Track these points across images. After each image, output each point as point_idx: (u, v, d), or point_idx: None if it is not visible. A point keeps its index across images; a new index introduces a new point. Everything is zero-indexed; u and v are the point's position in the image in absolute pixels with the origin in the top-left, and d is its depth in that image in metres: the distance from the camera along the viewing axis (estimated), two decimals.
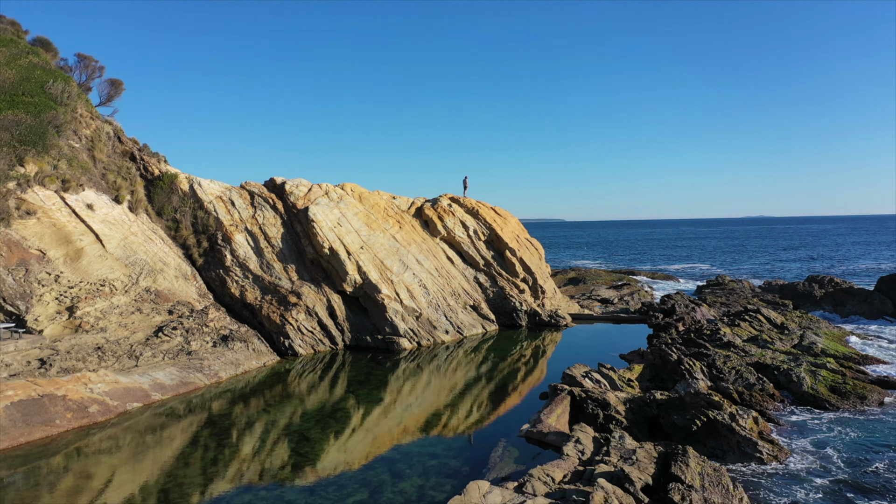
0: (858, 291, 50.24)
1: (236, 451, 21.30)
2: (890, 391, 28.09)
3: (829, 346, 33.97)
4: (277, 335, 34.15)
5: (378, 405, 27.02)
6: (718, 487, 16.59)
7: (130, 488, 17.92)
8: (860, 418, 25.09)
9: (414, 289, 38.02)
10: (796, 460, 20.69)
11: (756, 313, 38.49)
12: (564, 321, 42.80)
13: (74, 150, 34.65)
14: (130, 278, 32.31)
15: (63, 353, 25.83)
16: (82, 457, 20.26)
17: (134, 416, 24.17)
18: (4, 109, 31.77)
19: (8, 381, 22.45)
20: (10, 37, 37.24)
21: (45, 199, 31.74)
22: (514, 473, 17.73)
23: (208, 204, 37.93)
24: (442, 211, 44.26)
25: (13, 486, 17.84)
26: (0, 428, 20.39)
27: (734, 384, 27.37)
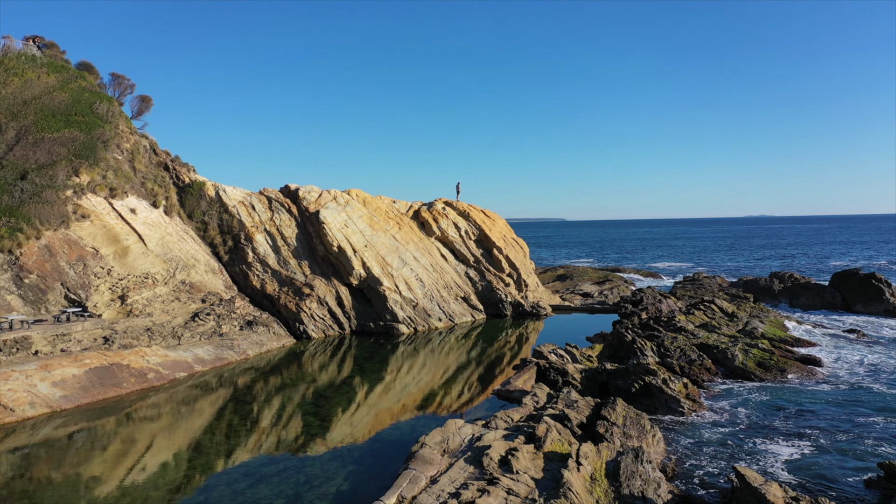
0: (813, 286, 55.54)
1: (256, 422, 24.99)
2: (809, 366, 33.41)
3: (768, 330, 39.30)
4: (293, 321, 39.56)
5: (380, 381, 32.31)
6: (637, 427, 21.95)
7: (165, 455, 21.29)
8: (777, 387, 30.42)
9: (411, 282, 43.43)
10: (711, 414, 26.04)
11: (710, 304, 43.84)
12: (545, 311, 48.20)
13: (118, 162, 40.06)
14: (168, 272, 37.72)
15: (120, 333, 31.25)
16: (132, 421, 24.67)
17: (181, 383, 29.58)
18: (62, 128, 37.16)
19: (83, 353, 27.87)
20: (61, 63, 42.66)
21: (97, 205, 37.15)
22: (485, 416, 23.07)
23: (232, 208, 43.33)
24: (437, 213, 49.67)
25: (75, 443, 22.76)
26: (83, 387, 25.81)
27: (678, 360, 32.67)
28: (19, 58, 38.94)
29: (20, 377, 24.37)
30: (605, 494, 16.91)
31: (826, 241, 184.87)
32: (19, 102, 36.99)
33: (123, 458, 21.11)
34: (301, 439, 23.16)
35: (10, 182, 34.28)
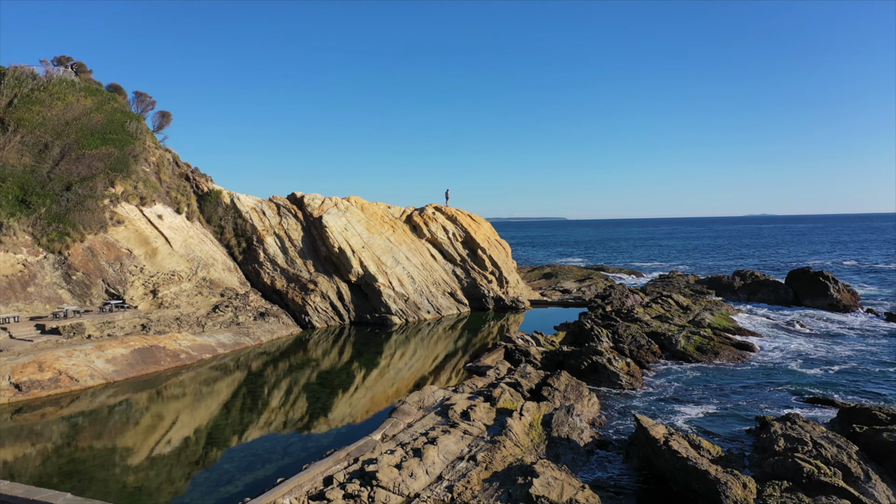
0: (770, 283, 60.97)
1: (267, 403, 29.49)
2: (742, 351, 38.87)
3: (714, 321, 44.80)
4: (300, 313, 45.10)
5: (376, 365, 37.77)
6: (576, 392, 27.48)
7: (186, 431, 25.14)
8: (709, 367, 35.90)
9: (403, 279, 48.96)
10: (646, 388, 31.54)
11: (668, 298, 49.35)
12: (524, 305, 53.70)
13: (146, 174, 45.61)
14: (191, 270, 43.26)
15: (154, 321, 36.80)
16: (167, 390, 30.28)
17: (207, 363, 35.12)
18: (99, 145, 42.69)
19: (127, 337, 33.42)
20: (95, 87, 48.17)
21: (130, 212, 42.70)
22: (455, 385, 28.59)
23: (245, 213, 48.87)
24: (427, 217, 55.20)
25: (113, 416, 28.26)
26: (129, 364, 31.36)
27: (629, 345, 38.14)
28: (61, 83, 44.43)
29: (81, 355, 29.93)
30: (539, 436, 22.46)
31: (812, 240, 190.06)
32: (62, 123, 42.51)
33: (158, 424, 26.65)
34: (307, 412, 28.69)
35: (58, 193, 39.82)
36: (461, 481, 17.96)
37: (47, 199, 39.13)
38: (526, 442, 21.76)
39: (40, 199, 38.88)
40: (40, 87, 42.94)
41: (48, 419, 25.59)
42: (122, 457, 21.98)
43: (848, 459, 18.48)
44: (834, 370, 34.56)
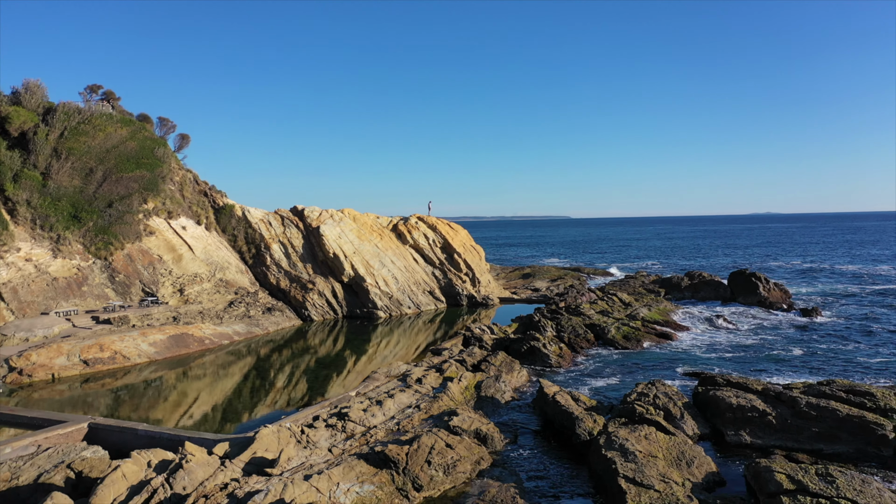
0: (712, 282, 69.08)
1: (274, 377, 38.64)
2: (663, 340, 47.07)
3: (649, 315, 53.05)
4: (300, 308, 53.54)
5: (367, 352, 46.12)
6: (508, 367, 35.80)
7: (205, 408, 33.13)
8: (632, 352, 44.09)
9: (388, 279, 57.37)
10: (572, 366, 39.83)
11: (613, 296, 57.66)
12: (493, 302, 62.07)
13: (172, 192, 54.07)
14: (210, 272, 51.73)
15: (183, 314, 45.28)
16: (187, 380, 38.85)
17: (226, 348, 43.56)
18: (134, 169, 51.15)
19: (162, 326, 41.92)
20: (129, 118, 56.61)
21: (159, 224, 51.18)
22: (416, 361, 36.96)
23: (254, 224, 57.31)
24: (410, 226, 63.58)
25: (143, 395, 36.79)
26: (166, 346, 39.84)
27: (569, 334, 46.38)
28: (101, 117, 52.83)
29: (130, 339, 38.42)
30: (471, 395, 30.85)
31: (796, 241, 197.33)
32: (104, 151, 50.97)
33: (192, 389, 35.11)
34: (306, 383, 37.09)
35: (102, 209, 48.31)
36: (406, 420, 26.37)
37: (94, 215, 47.65)
38: (460, 398, 30.16)
39: (88, 214, 47.40)
40: (85, 121, 51.37)
41: (110, 386, 34.11)
42: (170, 409, 30.48)
43: (672, 406, 26.80)
44: (728, 355, 42.78)
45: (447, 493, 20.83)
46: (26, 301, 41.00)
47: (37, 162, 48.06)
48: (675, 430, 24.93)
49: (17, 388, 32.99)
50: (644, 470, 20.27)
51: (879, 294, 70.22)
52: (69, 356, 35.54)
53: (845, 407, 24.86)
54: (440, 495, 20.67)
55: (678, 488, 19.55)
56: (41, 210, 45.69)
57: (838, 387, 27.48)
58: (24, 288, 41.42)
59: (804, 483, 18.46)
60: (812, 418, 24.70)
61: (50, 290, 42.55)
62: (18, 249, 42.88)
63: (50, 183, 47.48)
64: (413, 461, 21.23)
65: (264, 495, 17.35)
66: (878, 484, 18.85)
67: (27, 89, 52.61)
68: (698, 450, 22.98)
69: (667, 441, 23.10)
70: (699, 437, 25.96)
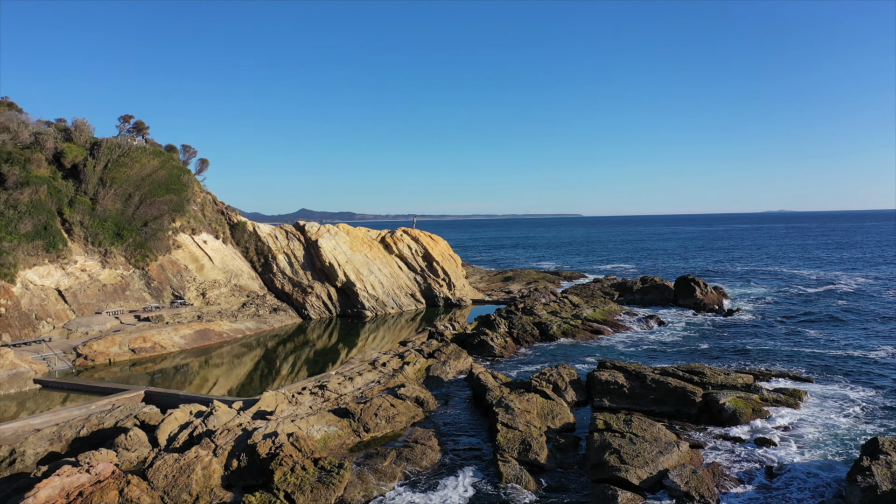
0: (660, 286, 78.65)
1: (278, 371, 49.54)
2: (595, 335, 56.93)
3: (591, 315, 62.90)
4: (301, 308, 63.97)
5: (356, 345, 56.39)
6: (456, 355, 45.97)
7: (224, 383, 45.08)
8: (567, 345, 54.05)
9: (375, 284, 67.71)
10: (513, 356, 49.87)
11: (566, 298, 67.62)
12: (465, 304, 72.22)
13: (195, 212, 64.67)
14: (226, 279, 62.27)
15: (205, 314, 55.85)
16: (209, 366, 49.46)
17: (239, 340, 54.04)
18: (164, 194, 61.77)
19: (189, 323, 52.48)
20: (159, 149, 67.28)
21: (185, 239, 61.78)
22: (386, 350, 47.17)
23: (263, 238, 67.81)
24: (396, 238, 73.87)
25: (178, 376, 47.40)
26: (193, 339, 50.39)
27: (518, 330, 56.38)
28: (137, 150, 63.50)
29: (165, 333, 49.00)
30: (422, 375, 41.07)
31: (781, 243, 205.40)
32: (139, 179, 61.63)
33: (215, 370, 45.61)
34: (304, 368, 47.42)
35: (139, 228, 58.97)
36: (368, 390, 36.65)
37: (133, 233, 58.33)
38: (413, 377, 40.41)
39: (128, 232, 58.08)
40: (124, 154, 62.07)
41: (152, 369, 44.69)
42: (198, 385, 40.97)
43: (561, 381, 36.83)
44: (643, 348, 52.56)
45: (387, 435, 31.07)
46: (83, 303, 51.72)
47: (87, 189, 58.78)
48: (558, 397, 34.99)
49: (83, 370, 43.65)
50: (516, 419, 30.42)
51: (800, 295, 79.39)
52: (120, 346, 46.17)
53: (675, 381, 34.84)
54: (382, 436, 30.90)
55: (535, 430, 29.69)
56: (91, 229, 56.40)
57: (684, 368, 37.50)
58: (81, 293, 52.15)
59: (611, 424, 28.51)
60: (652, 389, 34.71)
61: (101, 294, 53.27)
62: (75, 262, 53.62)
63: (97, 207, 58.21)
64: (365, 413, 31.52)
65: (264, 428, 27.65)
66: (662, 426, 28.83)
67: (76, 127, 63.41)
68: (565, 408, 33.07)
69: (543, 402, 33.19)
70: (576, 403, 36.01)
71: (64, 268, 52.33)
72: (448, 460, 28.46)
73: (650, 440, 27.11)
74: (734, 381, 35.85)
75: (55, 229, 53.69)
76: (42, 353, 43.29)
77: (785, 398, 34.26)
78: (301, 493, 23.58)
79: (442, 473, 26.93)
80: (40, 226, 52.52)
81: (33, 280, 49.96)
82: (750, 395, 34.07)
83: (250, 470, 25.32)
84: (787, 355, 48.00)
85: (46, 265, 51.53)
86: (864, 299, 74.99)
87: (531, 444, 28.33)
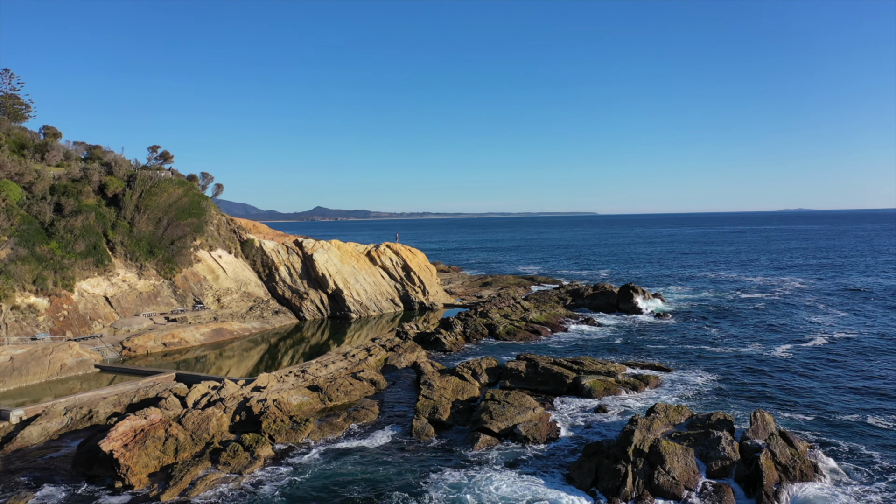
0: (608, 292, 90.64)
1: (279, 363, 62.95)
2: (534, 335, 69.45)
3: (536, 317, 75.42)
4: (298, 311, 77.23)
5: (343, 341, 69.43)
6: (412, 349, 58.92)
7: (234, 370, 59.99)
8: (508, 343, 66.59)
9: (360, 291, 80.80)
10: (461, 351, 62.64)
11: (518, 303, 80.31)
12: (437, 307, 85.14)
13: (212, 231, 78.16)
14: (237, 287, 75.68)
15: (220, 315, 69.31)
16: (223, 357, 62.89)
17: (247, 337, 67.38)
18: (187, 218, 75.29)
19: (208, 323, 65.95)
20: (182, 179, 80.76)
21: (204, 255, 75.28)
22: (358, 345, 60.20)
23: (268, 252, 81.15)
24: (380, 252, 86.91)
25: (199, 364, 60.85)
26: (210, 336, 63.80)
27: (471, 329, 69.09)
28: (166, 181, 77.01)
29: (188, 331, 62.47)
30: (381, 364, 54.09)
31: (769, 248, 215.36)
32: (167, 205, 75.20)
33: (229, 360, 58.99)
34: (300, 359, 60.59)
35: (167, 246, 72.53)
36: (337, 374, 49.72)
37: (162, 250, 71.93)
38: (373, 365, 53.43)
39: (159, 250, 71.70)
40: (154, 185, 75.66)
41: (179, 358, 58.12)
42: (215, 370, 54.36)
43: (478, 368, 49.56)
44: (569, 345, 64.99)
45: (345, 403, 44.03)
46: (125, 307, 65.33)
47: (125, 215, 72.43)
48: (473, 379, 47.77)
49: (127, 358, 57.12)
50: (433, 393, 43.27)
51: (731, 300, 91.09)
52: (155, 341, 59.67)
53: (558, 368, 47.51)
54: (341, 404, 43.86)
55: (445, 400, 42.53)
56: (130, 248, 70.02)
57: (570, 360, 50.16)
58: (123, 299, 65.78)
59: (494, 396, 41.19)
60: (541, 374, 47.39)
61: (138, 300, 66.89)
62: (118, 274, 67.27)
63: (134, 229, 71.84)
64: (330, 388, 44.58)
65: (258, 396, 40.74)
66: (531, 397, 41.45)
67: (115, 162, 77.14)
68: (475, 387, 45.82)
69: (458, 382, 46.00)
70: (487, 384, 48.66)
71: (109, 279, 65.97)
72: (383, 420, 41.37)
73: (516, 405, 39.84)
74: (601, 369, 48.51)
75: (102, 248, 67.34)
76: (97, 346, 56.84)
77: (634, 381, 46.78)
78: (279, 435, 36.69)
79: (376, 428, 39.81)
80: (91, 246, 66.16)
81: (87, 289, 63.61)
82: (608, 378, 46.70)
83: (247, 422, 38.49)
84: (675, 350, 60.33)
85: (96, 277, 65.18)
86: (779, 305, 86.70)
87: (438, 408, 41.20)
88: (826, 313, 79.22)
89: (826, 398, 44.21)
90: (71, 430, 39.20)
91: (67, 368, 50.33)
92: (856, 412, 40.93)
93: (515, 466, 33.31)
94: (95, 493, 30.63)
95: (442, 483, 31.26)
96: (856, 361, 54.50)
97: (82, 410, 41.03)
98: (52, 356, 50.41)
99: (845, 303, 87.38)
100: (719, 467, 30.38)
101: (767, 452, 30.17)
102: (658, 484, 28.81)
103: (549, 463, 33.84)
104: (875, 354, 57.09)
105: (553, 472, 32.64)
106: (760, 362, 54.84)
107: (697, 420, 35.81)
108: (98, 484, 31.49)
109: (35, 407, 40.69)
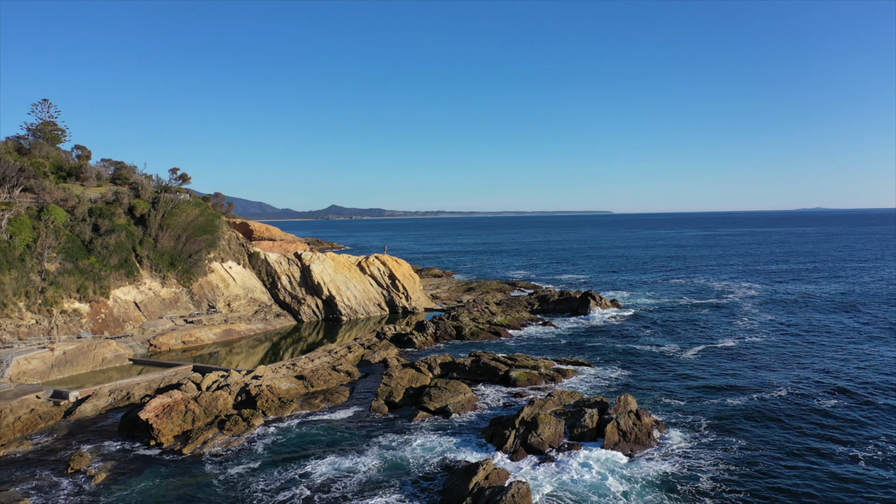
0: (571, 298, 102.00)
1: (279, 358, 75.36)
2: (495, 336, 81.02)
3: (499, 320, 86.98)
4: (296, 314, 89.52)
5: (335, 340, 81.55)
6: (386, 347, 70.88)
7: (241, 364, 72.67)
8: (473, 342, 78.31)
9: (350, 297, 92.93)
10: (429, 348, 74.50)
11: (487, 307, 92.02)
12: (419, 311, 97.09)
13: (223, 245, 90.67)
14: (245, 293, 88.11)
15: (230, 318, 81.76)
16: (232, 353, 75.28)
17: (253, 337, 79.72)
18: (202, 234, 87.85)
19: (220, 324, 78.43)
20: (199, 200, 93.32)
21: (216, 266, 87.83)
22: (341, 344, 72.26)
23: (272, 263, 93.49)
24: (370, 262, 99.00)
25: (212, 358, 73.31)
26: (222, 335, 76.23)
27: (441, 331, 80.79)
28: (184, 203, 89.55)
29: (203, 331, 74.97)
30: (358, 359, 66.14)
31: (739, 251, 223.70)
32: (185, 224, 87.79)
33: (238, 355, 71.41)
34: (298, 355, 72.85)
35: (185, 259, 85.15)
36: (321, 367, 61.83)
37: (181, 262, 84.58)
38: (351, 360, 65.48)
39: (179, 262, 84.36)
40: (175, 206, 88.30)
41: (196, 354, 70.62)
42: (225, 364, 66.78)
43: (433, 363, 61.39)
44: (522, 344, 76.48)
45: (323, 389, 56.01)
46: (151, 311, 77.99)
47: (150, 232, 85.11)
48: (428, 371, 59.61)
49: (154, 354, 69.60)
50: (391, 381, 55.17)
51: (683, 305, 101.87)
52: (176, 339, 72.20)
53: (495, 363, 59.13)
54: (321, 390, 55.87)
55: (400, 387, 54.40)
56: (154, 260, 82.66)
57: (507, 356, 61.83)
58: (150, 304, 78.44)
59: (437, 384, 53.00)
60: (481, 367, 59.04)
61: (161, 305, 79.54)
62: (145, 283, 79.94)
63: (158, 245, 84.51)
64: (313, 377, 56.67)
65: (256, 382, 52.89)
66: (466, 385, 53.20)
67: (142, 186, 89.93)
68: (427, 377, 57.59)
69: (414, 373, 57.82)
70: (439, 376, 60.38)
71: (138, 287, 78.63)
72: (350, 402, 53.29)
73: (451, 391, 51.65)
74: (529, 364, 60.03)
75: (132, 261, 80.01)
76: (129, 343, 69.42)
77: (554, 374, 58.32)
78: (270, 410, 48.82)
79: (344, 407, 51.74)
80: (122, 259, 78.84)
81: (119, 296, 76.30)
82: (532, 371, 58.30)
83: (246, 401, 50.67)
84: (606, 349, 71.62)
85: (127, 286, 77.85)
86: (722, 311, 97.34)
87: (394, 392, 53.13)
88: (754, 318, 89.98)
89: (699, 390, 55.52)
90: (114, 407, 51.59)
91: (107, 361, 62.90)
92: (717, 399, 52.26)
93: (441, 431, 45.14)
94: (136, 447, 42.91)
95: (382, 440, 43.26)
96: (742, 363, 65.46)
97: (122, 392, 53.45)
98: (95, 351, 63.01)
99: (781, 309, 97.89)
100: (579, 433, 42.01)
101: (615, 423, 41.76)
102: (529, 443, 40.51)
103: (465, 429, 45.57)
104: (768, 356, 68.11)
105: (468, 435, 44.42)
106: (669, 360, 66.09)
107: (583, 402, 47.47)
108: (138, 441, 43.82)
109: (86, 389, 53.17)
